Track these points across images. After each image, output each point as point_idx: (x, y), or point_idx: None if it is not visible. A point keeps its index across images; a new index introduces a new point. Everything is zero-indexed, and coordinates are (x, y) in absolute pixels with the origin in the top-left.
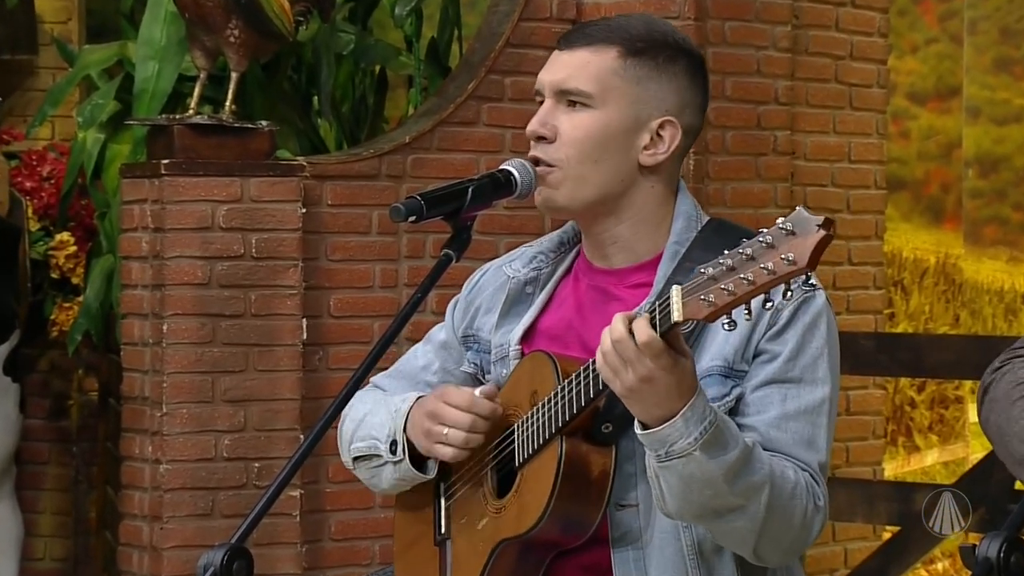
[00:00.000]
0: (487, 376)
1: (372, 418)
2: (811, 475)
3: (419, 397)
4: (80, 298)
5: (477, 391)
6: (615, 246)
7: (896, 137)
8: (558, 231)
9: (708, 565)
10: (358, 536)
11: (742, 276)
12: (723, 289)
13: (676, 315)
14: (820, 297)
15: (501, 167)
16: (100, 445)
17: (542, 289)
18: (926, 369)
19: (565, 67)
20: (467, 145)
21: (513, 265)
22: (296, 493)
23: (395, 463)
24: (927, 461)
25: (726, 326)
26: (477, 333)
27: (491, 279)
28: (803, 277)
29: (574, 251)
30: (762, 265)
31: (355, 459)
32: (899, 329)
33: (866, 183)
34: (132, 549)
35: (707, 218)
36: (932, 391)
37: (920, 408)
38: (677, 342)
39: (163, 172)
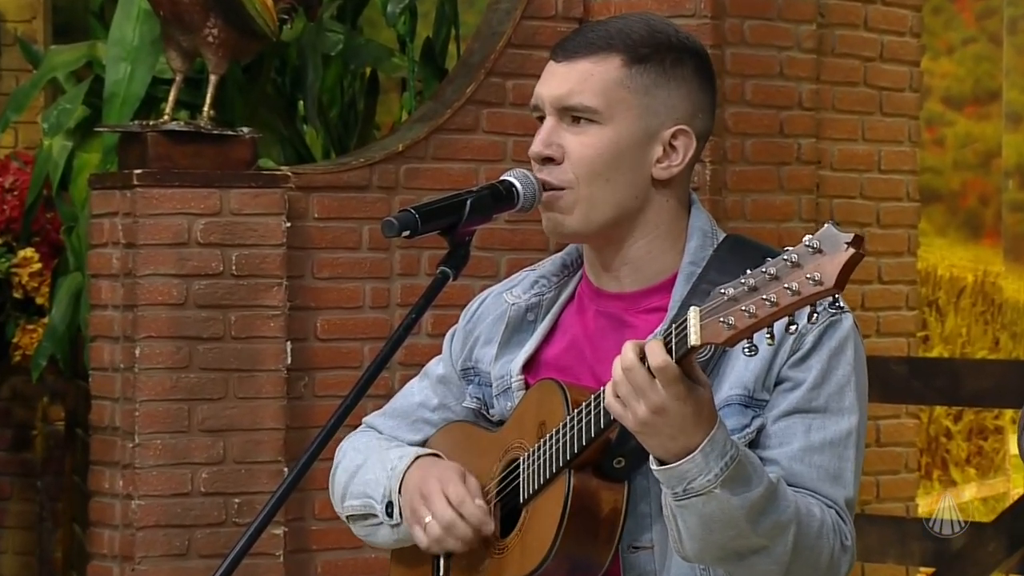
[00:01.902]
0: (491, 411)
1: (366, 473)
2: (837, 512)
3: (418, 456)
4: (45, 320)
5: (477, 500)
6: (626, 268)
7: (930, 145)
8: (561, 253)
9: None
10: None
11: (764, 297)
12: (744, 311)
13: (694, 339)
14: (847, 320)
15: (502, 178)
16: (67, 479)
17: (544, 316)
18: (963, 397)
19: (566, 81)
20: (465, 154)
21: (514, 292)
22: (279, 531)
23: (392, 526)
24: (964, 496)
25: (747, 351)
26: (477, 365)
27: (490, 307)
28: (830, 299)
29: (577, 275)
30: (786, 285)
31: (348, 517)
32: (934, 353)
33: (898, 195)
34: None
35: (723, 235)
36: (969, 421)
37: (957, 439)
38: (693, 370)
39: (135, 183)
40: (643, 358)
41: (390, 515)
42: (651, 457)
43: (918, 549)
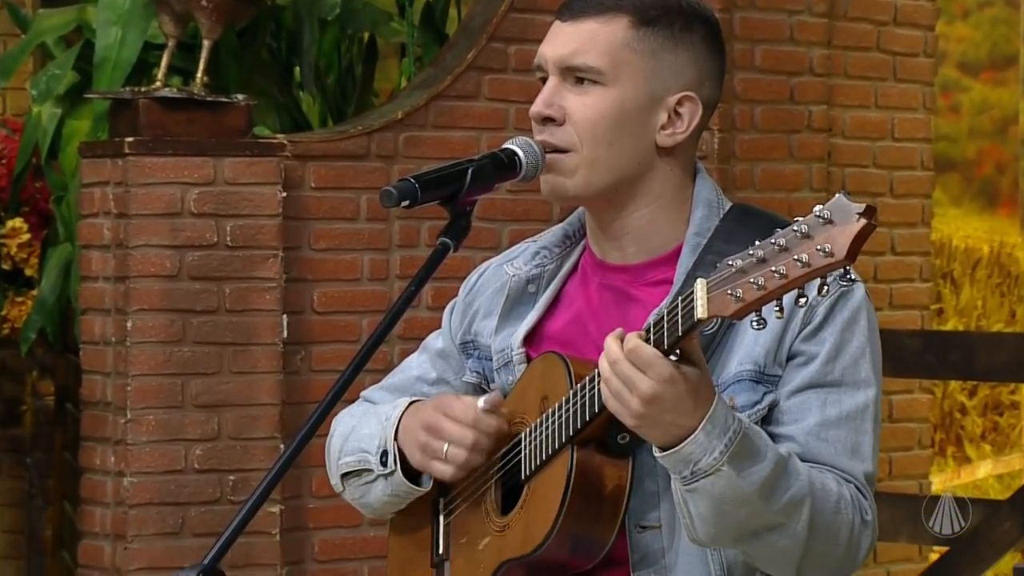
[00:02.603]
0: (491, 386)
1: (361, 430)
2: (856, 487)
3: (412, 402)
4: (34, 292)
5: (481, 401)
6: (629, 237)
7: (945, 112)
8: (562, 223)
9: None
10: (345, 557)
11: (774, 269)
12: (752, 283)
13: (700, 312)
14: (859, 290)
15: (504, 146)
16: (57, 455)
17: (546, 287)
18: (978, 371)
19: (571, 40)
20: (466, 121)
21: (515, 263)
22: (275, 509)
23: (386, 476)
24: (979, 474)
25: (755, 324)
26: (476, 339)
27: (490, 279)
28: (840, 271)
29: (580, 246)
30: (796, 257)
31: (343, 476)
32: (948, 326)
33: (911, 163)
34: (92, 571)
35: (730, 204)
36: (985, 396)
37: (971, 415)
38: (687, 350)
39: (127, 151)
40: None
41: (384, 464)
42: (654, 447)
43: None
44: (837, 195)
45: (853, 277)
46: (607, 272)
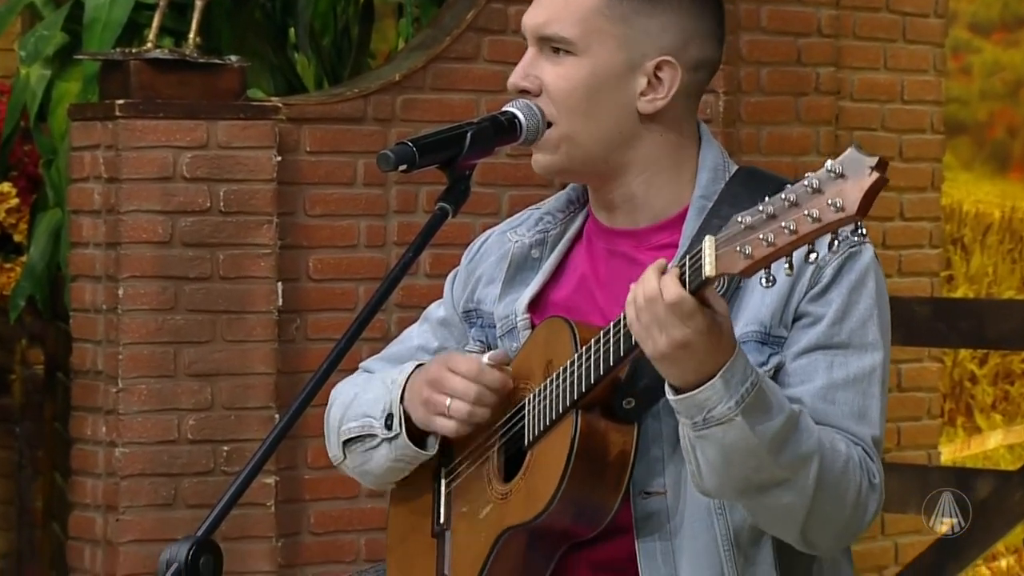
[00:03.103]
0: None
1: (365, 395)
2: (864, 450)
3: (419, 365)
4: (23, 258)
5: (485, 357)
6: (629, 204)
7: (956, 74)
8: (566, 189)
9: (745, 556)
10: (341, 529)
11: (783, 224)
12: (762, 239)
13: (709, 270)
14: (867, 251)
15: (504, 109)
16: (47, 425)
17: (550, 253)
18: (989, 339)
19: (544, 9)
20: (465, 84)
21: (518, 231)
22: (270, 480)
23: (390, 440)
24: (989, 444)
25: (764, 282)
26: (479, 307)
27: (493, 247)
28: (852, 226)
29: (584, 211)
30: (806, 212)
31: (345, 443)
32: (958, 293)
33: (921, 126)
34: (83, 543)
35: (736, 167)
36: (995, 364)
37: (982, 384)
38: (711, 297)
39: (118, 114)
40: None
41: (389, 427)
42: (666, 386)
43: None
44: (850, 148)
45: (864, 233)
46: (612, 237)
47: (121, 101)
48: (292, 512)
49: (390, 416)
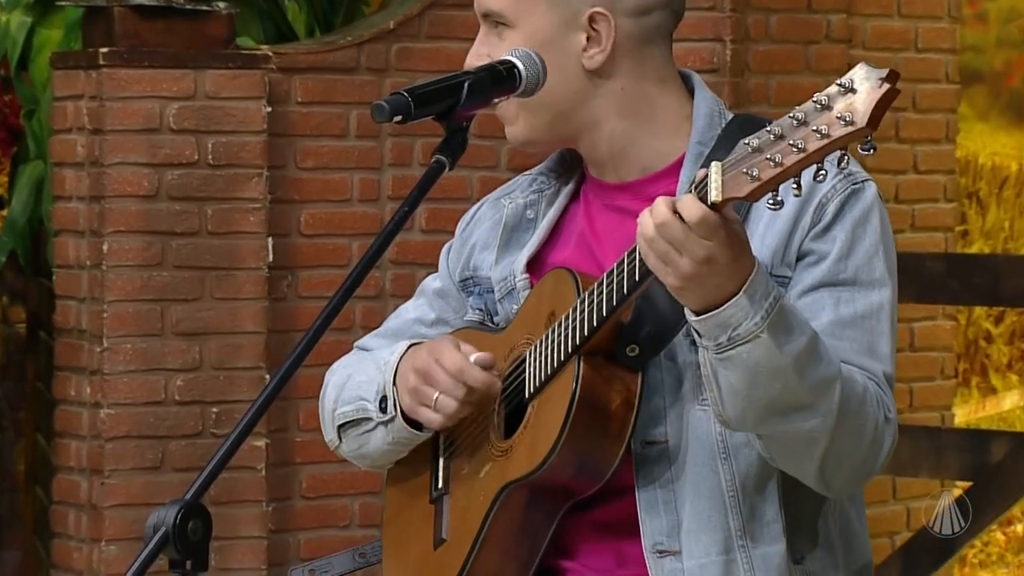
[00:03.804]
0: (496, 319)
1: (357, 377)
2: (877, 384)
3: (410, 345)
4: (4, 212)
5: (472, 357)
6: (616, 159)
7: (971, 21)
8: (560, 148)
9: (750, 504)
10: (334, 493)
11: (791, 143)
12: (769, 160)
13: (715, 194)
14: (870, 189)
15: (503, 57)
16: (29, 386)
17: (546, 212)
18: (1005, 296)
19: None
20: (462, 31)
21: (512, 195)
22: (261, 443)
23: (386, 423)
24: (1005, 405)
25: (771, 205)
26: (476, 273)
27: (488, 213)
28: (863, 140)
29: (579, 169)
30: (814, 128)
31: (341, 427)
32: (973, 249)
33: (936, 76)
34: (67, 507)
35: (732, 114)
36: (1012, 323)
37: (997, 343)
38: (729, 211)
39: (102, 62)
40: (676, 212)
41: (384, 410)
42: (686, 310)
43: (954, 461)
44: (860, 63)
45: (873, 145)
46: (608, 192)
47: (105, 49)
48: (283, 476)
49: (384, 399)
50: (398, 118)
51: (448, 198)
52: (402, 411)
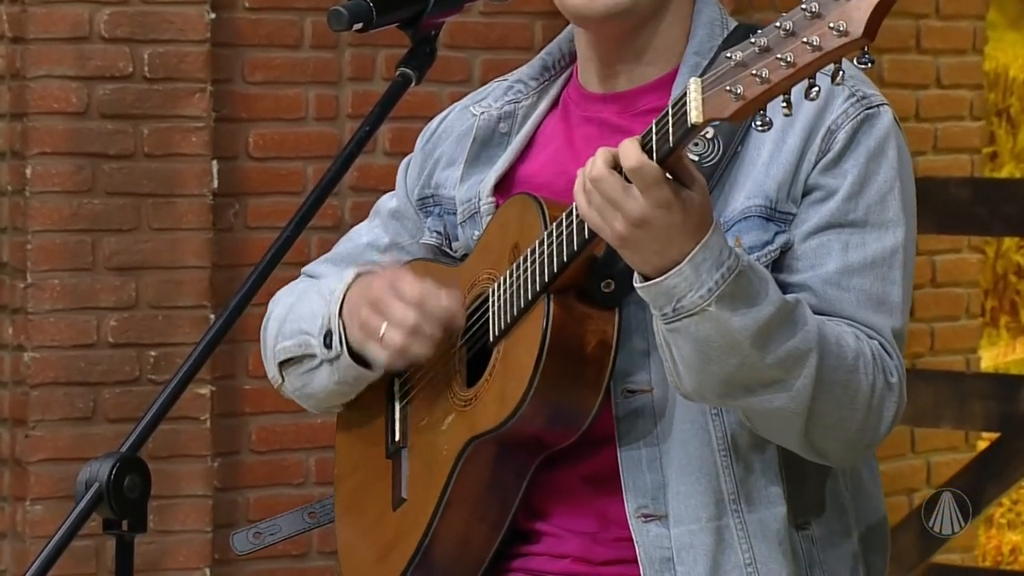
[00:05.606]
0: (454, 245)
1: (300, 308)
2: (881, 344)
3: (360, 274)
4: None
5: (443, 294)
6: (627, 63)
7: None
8: (541, 54)
9: (744, 464)
10: (287, 447)
11: (779, 56)
12: (755, 76)
13: (695, 116)
14: (886, 114)
15: None
16: None
17: (520, 127)
18: None
19: None
20: None
21: (483, 103)
22: (205, 391)
23: (331, 361)
24: None
25: (759, 127)
26: (437, 191)
27: (455, 123)
28: (858, 52)
29: (563, 78)
30: (804, 40)
31: (282, 365)
32: (1003, 173)
33: None
34: None
35: (735, 23)
36: None
37: None
38: (681, 168)
39: None
40: (617, 166)
41: (328, 347)
42: (635, 274)
43: (980, 410)
44: None
45: (872, 59)
46: (593, 104)
47: None
48: (230, 427)
49: (329, 333)
50: (358, 26)
51: (415, 116)
52: (350, 347)
